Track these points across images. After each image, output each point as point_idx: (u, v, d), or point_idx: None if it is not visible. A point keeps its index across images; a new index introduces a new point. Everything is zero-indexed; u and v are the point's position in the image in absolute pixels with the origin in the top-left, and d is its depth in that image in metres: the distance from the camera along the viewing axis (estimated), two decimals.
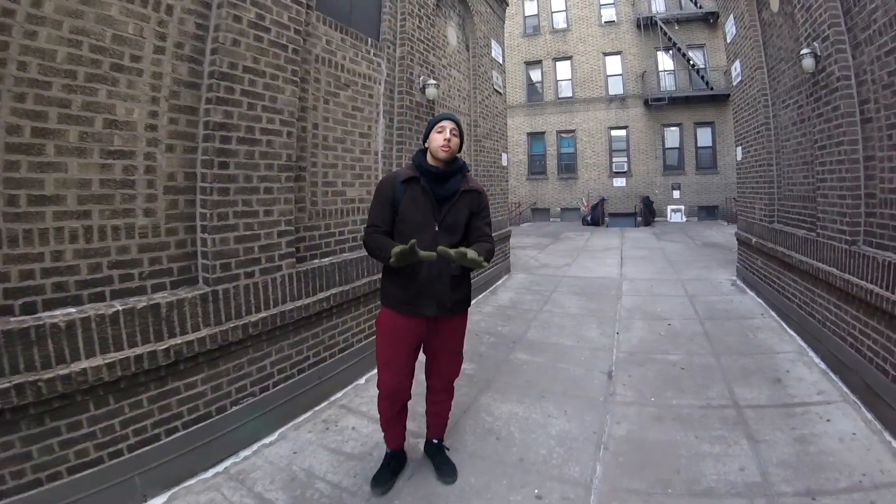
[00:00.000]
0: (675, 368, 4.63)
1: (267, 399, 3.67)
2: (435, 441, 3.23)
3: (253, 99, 3.50)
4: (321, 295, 4.10)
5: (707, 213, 21.27)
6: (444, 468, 3.11)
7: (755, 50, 6.87)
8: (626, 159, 22.28)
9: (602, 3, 22.77)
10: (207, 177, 3.24)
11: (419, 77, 5.83)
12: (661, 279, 8.69)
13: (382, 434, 3.15)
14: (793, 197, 5.99)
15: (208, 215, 3.23)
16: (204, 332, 3.14)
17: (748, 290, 7.55)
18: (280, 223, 3.72)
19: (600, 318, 6.40)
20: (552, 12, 23.65)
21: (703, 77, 20.76)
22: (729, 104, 20.53)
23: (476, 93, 8.06)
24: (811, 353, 4.92)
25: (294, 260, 3.87)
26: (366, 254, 4.54)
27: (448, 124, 2.78)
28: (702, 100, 21.06)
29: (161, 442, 2.92)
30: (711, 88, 20.59)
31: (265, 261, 3.61)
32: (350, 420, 3.87)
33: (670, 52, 21.74)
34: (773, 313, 6.35)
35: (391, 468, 3.08)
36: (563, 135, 23.27)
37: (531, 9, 24.05)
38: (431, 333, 2.87)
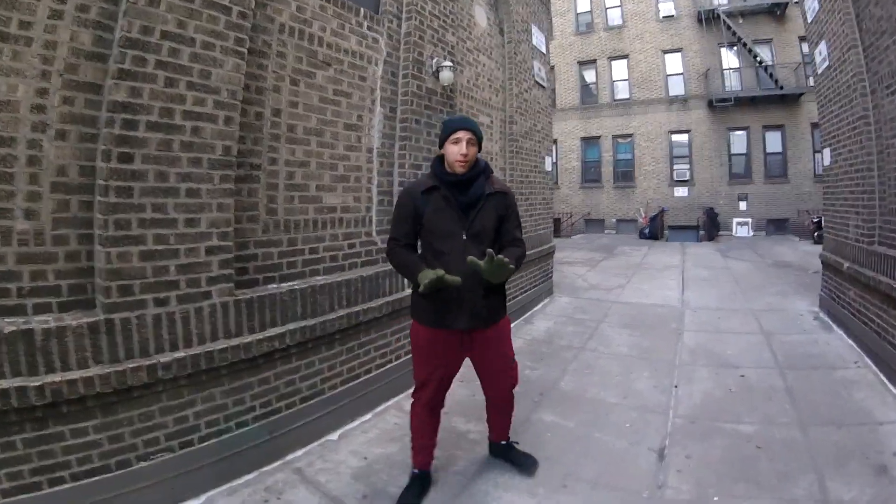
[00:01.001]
0: (749, 446, 3.50)
1: (191, 456, 2.87)
2: (503, 442, 3.28)
3: (174, 73, 2.71)
4: (272, 331, 3.23)
5: (776, 227, 19.51)
6: (524, 460, 3.23)
7: (846, 25, 5.63)
8: (688, 166, 20.73)
9: None
10: (104, 172, 2.47)
11: (432, 59, 4.96)
12: (730, 308, 7.46)
13: (411, 453, 3.02)
14: None
15: (103, 222, 2.47)
16: (93, 371, 2.45)
17: (835, 327, 6.28)
18: (211, 236, 2.90)
19: (655, 363, 5.29)
20: (606, 8, 22.39)
21: (771, 75, 19.04)
22: (801, 105, 19.10)
23: (512, 84, 7.10)
24: None
25: (231, 285, 3.03)
26: (344, 279, 3.88)
27: (464, 135, 2.65)
28: (770, 100, 19.34)
29: (43, 492, 2.38)
30: (781, 87, 18.84)
31: (186, 285, 2.79)
32: (299, 493, 2.99)
33: (735, 48, 20.19)
34: (869, 361, 5.12)
35: (418, 488, 2.95)
36: (619, 140, 21.91)
37: (584, 5, 22.86)
38: (470, 349, 2.80)
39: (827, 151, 6.87)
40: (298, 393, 3.51)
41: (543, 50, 8.48)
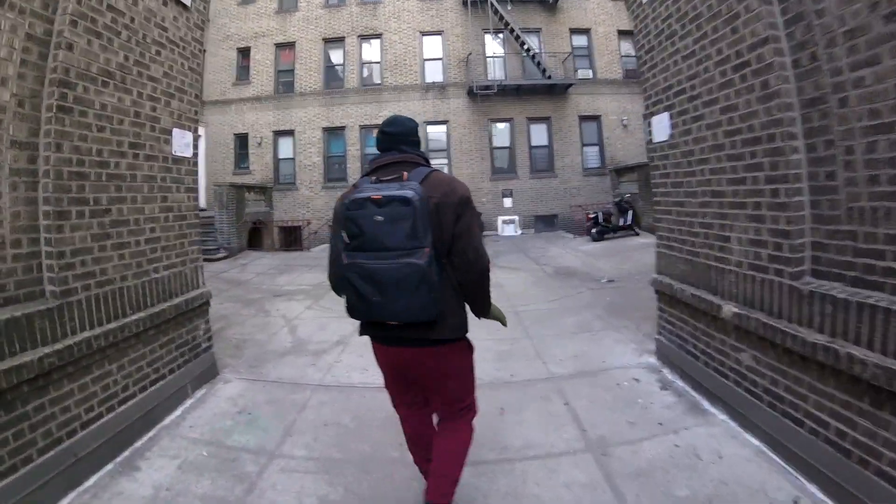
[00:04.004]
0: None
1: None
2: None
3: None
4: None
5: (545, 223, 18.32)
6: None
7: None
8: (446, 161, 18.34)
9: None
10: None
11: None
12: (517, 379, 4.43)
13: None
14: None
15: None
16: None
17: (708, 405, 3.63)
18: None
19: None
20: None
21: (539, 64, 17.81)
22: (568, 97, 18.37)
23: None
24: None
25: None
26: None
27: None
28: (536, 91, 18.23)
29: None
30: (549, 77, 17.75)
31: None
32: None
33: (500, 35, 18.75)
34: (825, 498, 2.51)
35: None
36: (368, 131, 18.68)
37: None
38: None
39: (663, 118, 4.13)
40: None
41: None
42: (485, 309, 2.37)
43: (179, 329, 4.10)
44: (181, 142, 4.16)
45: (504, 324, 2.55)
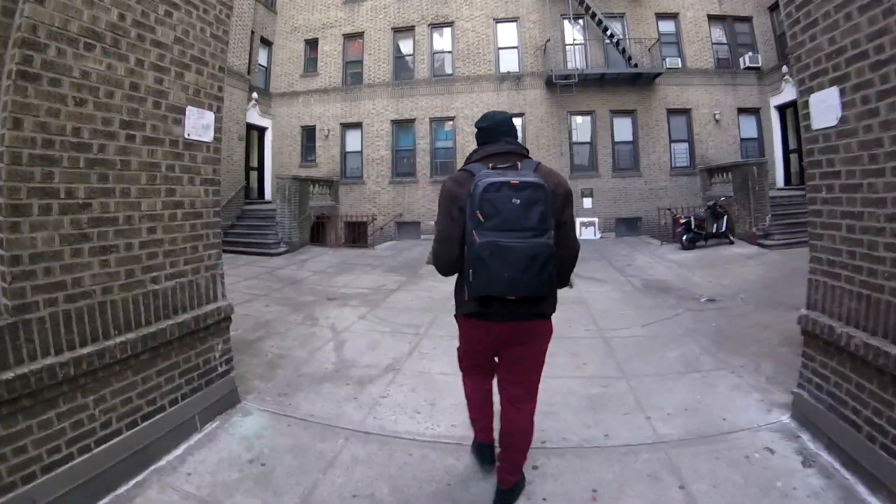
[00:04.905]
0: None
1: None
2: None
3: None
4: None
5: (628, 227, 17.04)
6: None
7: None
8: None
9: None
10: None
11: None
12: (613, 444, 3.42)
13: None
14: None
15: None
16: None
17: (862, 488, 2.63)
18: None
19: None
20: None
21: (623, 50, 16.56)
22: (655, 89, 16.94)
23: None
24: None
25: None
26: None
27: None
28: (620, 81, 16.95)
29: None
30: (635, 65, 16.44)
31: None
32: None
33: (581, 21, 17.56)
34: None
35: None
36: (438, 123, 18.13)
37: None
38: None
39: (829, 95, 3.03)
40: None
41: None
42: (566, 280, 2.58)
43: (186, 352, 3.40)
44: (198, 122, 3.44)
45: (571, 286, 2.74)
